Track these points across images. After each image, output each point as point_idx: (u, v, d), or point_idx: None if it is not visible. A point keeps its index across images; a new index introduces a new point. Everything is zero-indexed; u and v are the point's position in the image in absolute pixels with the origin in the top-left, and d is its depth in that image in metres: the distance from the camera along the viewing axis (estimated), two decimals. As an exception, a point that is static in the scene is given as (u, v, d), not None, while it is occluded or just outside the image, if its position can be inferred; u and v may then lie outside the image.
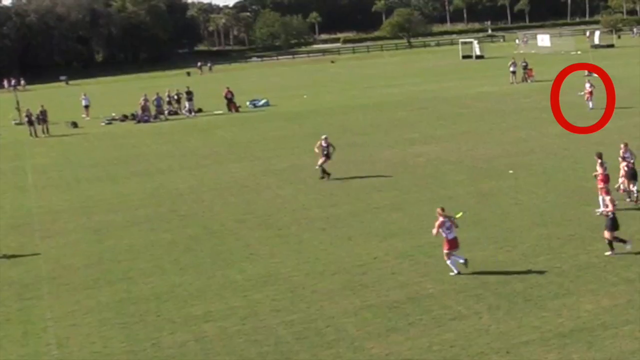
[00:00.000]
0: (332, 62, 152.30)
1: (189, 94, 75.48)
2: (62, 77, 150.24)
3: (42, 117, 68.28)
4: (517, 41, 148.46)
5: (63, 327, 22.63)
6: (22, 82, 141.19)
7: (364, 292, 23.28)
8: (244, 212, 34.13)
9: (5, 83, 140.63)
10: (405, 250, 26.92)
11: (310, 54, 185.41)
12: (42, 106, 69.95)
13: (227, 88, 76.10)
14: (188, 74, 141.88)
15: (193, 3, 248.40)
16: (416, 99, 71.96)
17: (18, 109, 77.76)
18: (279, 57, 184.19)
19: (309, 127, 57.82)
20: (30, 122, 67.65)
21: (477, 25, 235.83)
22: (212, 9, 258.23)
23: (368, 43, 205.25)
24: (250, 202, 35.62)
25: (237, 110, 73.79)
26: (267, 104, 77.43)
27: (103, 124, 71.86)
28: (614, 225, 24.83)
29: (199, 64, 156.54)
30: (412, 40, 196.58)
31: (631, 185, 30.72)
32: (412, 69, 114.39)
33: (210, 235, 30.93)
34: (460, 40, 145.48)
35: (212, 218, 33.63)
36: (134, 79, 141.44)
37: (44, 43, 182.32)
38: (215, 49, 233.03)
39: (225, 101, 74.91)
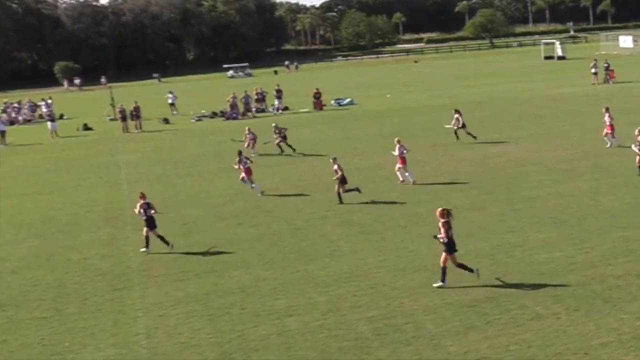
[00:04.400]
0: (416, 62, 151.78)
1: (278, 92, 75.93)
2: (155, 75, 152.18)
3: (135, 114, 69.21)
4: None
5: (152, 318, 22.88)
6: (103, 79, 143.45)
7: (444, 290, 23.11)
8: (327, 208, 34.17)
9: (103, 79, 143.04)
10: (485, 249, 26.68)
11: (394, 54, 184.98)
12: (135, 102, 70.92)
13: (317, 89, 76.33)
14: (275, 72, 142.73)
15: (281, 3, 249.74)
16: (497, 99, 71.34)
17: (112, 105, 78.95)
18: (364, 57, 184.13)
19: (392, 126, 57.70)
20: (124, 118, 68.64)
21: (559, 26, 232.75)
22: (299, 8, 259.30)
23: (451, 43, 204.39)
24: (333, 199, 35.60)
25: (322, 109, 73.96)
26: (351, 103, 77.49)
27: (193, 120, 72.62)
28: None
29: (286, 62, 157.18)
30: (494, 40, 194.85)
31: None
32: (494, 69, 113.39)
33: (295, 231, 31.02)
34: (543, 40, 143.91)
35: (296, 214, 33.73)
36: (223, 77, 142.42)
37: (138, 41, 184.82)
38: (301, 48, 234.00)
39: (312, 100, 75.17)
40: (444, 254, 23.41)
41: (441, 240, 23.34)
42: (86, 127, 72.30)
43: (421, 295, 22.86)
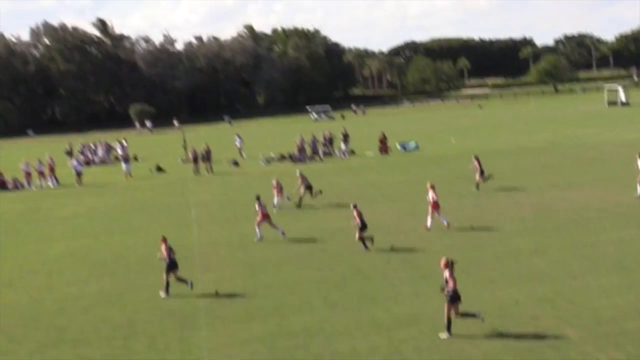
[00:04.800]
0: (480, 106, 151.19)
1: (345, 135, 76.07)
2: (226, 118, 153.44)
3: (206, 156, 69.69)
4: None
5: (217, 357, 22.86)
6: (176, 122, 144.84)
7: (505, 335, 22.81)
8: (390, 252, 33.99)
9: (175, 122, 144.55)
10: (546, 295, 26.30)
11: (459, 99, 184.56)
12: (206, 145, 71.46)
13: (382, 133, 76.38)
14: (342, 116, 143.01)
15: (349, 49, 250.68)
16: (561, 145, 70.70)
17: (184, 148, 79.67)
18: (429, 102, 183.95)
19: (456, 171, 57.38)
20: (195, 160, 69.15)
21: (622, 72, 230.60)
22: (367, 54, 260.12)
23: (515, 88, 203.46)
24: (396, 242, 35.43)
25: (387, 152, 73.91)
26: (416, 147, 77.32)
27: (262, 163, 72.93)
28: None
29: (353, 107, 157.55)
30: (558, 86, 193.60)
31: None
32: (558, 114, 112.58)
33: (358, 274, 30.87)
34: (606, 86, 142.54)
35: (360, 257, 33.57)
36: (292, 120, 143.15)
37: (210, 85, 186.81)
38: (369, 92, 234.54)
39: (378, 143, 75.17)
40: (447, 304, 23.26)
41: (447, 292, 23.36)
42: (159, 169, 73.01)
43: (481, 341, 22.57)
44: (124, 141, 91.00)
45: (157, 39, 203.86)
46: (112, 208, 52.74)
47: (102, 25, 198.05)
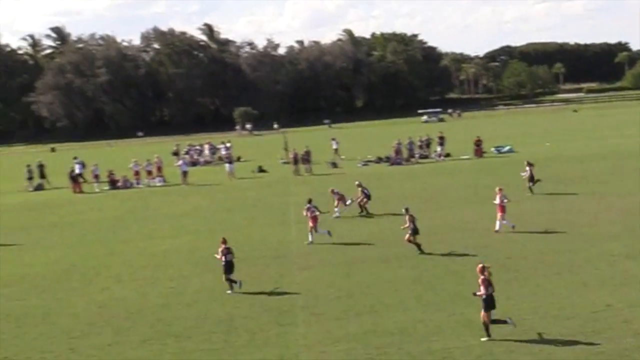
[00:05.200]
0: (575, 111, 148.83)
1: (441, 139, 75.63)
2: (326, 121, 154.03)
3: (306, 157, 70.03)
4: None
5: (314, 354, 22.93)
6: (276, 125, 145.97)
7: (596, 338, 22.38)
8: (482, 253, 33.63)
9: (276, 125, 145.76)
10: (639, 299, 25.75)
11: (554, 103, 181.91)
12: (306, 147, 71.81)
13: (478, 137, 75.74)
14: (425, 121, 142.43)
15: (446, 53, 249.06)
16: (656, 149, 69.19)
17: (286, 149, 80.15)
18: (524, 106, 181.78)
19: (549, 174, 56.53)
20: (296, 162, 69.52)
21: None
22: (463, 58, 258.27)
23: (610, 93, 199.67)
24: (489, 244, 35.11)
25: (482, 156, 73.25)
26: (510, 151, 76.45)
27: (359, 165, 72.95)
28: None
29: (449, 110, 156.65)
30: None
31: None
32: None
33: (451, 274, 30.63)
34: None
35: (452, 258, 33.34)
36: (389, 123, 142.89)
37: (311, 89, 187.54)
38: (465, 96, 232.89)
39: (473, 147, 74.57)
40: (482, 311, 23.14)
41: (481, 296, 23.25)
42: (261, 170, 73.59)
43: (573, 344, 22.20)
44: (228, 143, 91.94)
45: (261, 44, 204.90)
46: (215, 207, 53.36)
47: (209, 30, 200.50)
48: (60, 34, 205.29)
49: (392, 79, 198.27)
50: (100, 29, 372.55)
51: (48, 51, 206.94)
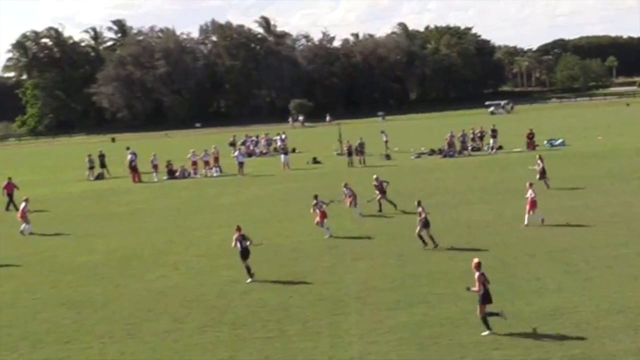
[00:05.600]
0: (628, 104, 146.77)
1: (494, 131, 75.08)
2: (380, 113, 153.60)
3: (360, 149, 69.98)
4: None
5: (365, 343, 22.95)
6: (328, 117, 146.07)
7: (644, 334, 22.18)
8: (535, 246, 33.41)
9: (328, 117, 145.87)
10: (689, 293, 25.43)
11: (607, 97, 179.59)
12: (360, 139, 71.80)
13: (530, 129, 75.07)
14: (492, 113, 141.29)
15: (499, 46, 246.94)
16: None
17: (340, 141, 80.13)
18: (577, 99, 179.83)
19: (601, 168, 55.98)
20: (350, 153, 69.49)
21: None
22: (517, 52, 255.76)
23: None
24: (543, 237, 34.84)
25: (534, 149, 72.57)
26: (562, 144, 75.68)
27: (412, 157, 72.70)
28: None
29: (502, 103, 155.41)
30: None
31: None
32: None
33: (503, 267, 30.44)
34: None
35: (505, 250, 33.10)
36: (442, 116, 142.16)
37: (365, 81, 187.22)
38: (517, 89, 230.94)
39: (526, 139, 73.94)
40: (479, 305, 23.22)
41: (477, 292, 23.41)
42: (315, 161, 73.68)
43: (624, 337, 21.97)
44: (283, 134, 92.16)
45: (317, 37, 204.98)
46: (270, 197, 53.57)
47: (265, 23, 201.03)
48: (121, 27, 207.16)
49: (445, 72, 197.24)
50: (159, 22, 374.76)
51: (109, 43, 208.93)
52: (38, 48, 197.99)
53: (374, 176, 46.04)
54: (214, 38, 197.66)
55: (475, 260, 24.09)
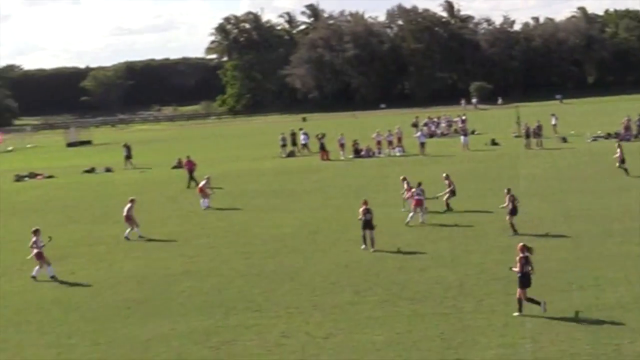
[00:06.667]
0: None
1: (672, 115, 72.05)
2: (557, 96, 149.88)
3: (537, 132, 68.59)
4: None
5: (538, 324, 22.62)
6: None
7: None
8: None
9: (500, 100, 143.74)
10: None
11: None
12: (538, 121, 70.39)
13: None
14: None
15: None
16: None
17: (518, 123, 78.78)
18: None
19: None
20: (527, 135, 68.23)
21: None
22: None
23: None
24: None
25: None
26: None
27: (588, 140, 70.62)
28: None
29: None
30: None
31: None
32: None
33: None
34: None
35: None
36: (619, 100, 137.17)
37: (544, 65, 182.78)
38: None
39: None
40: (518, 288, 23.11)
41: (516, 273, 23.33)
42: (493, 143, 72.68)
43: None
44: (463, 116, 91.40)
45: (498, 20, 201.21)
46: (453, 176, 53.11)
47: (449, 7, 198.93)
48: (313, 11, 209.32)
49: (623, 56, 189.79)
50: (349, 6, 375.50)
51: (302, 27, 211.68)
52: (238, 32, 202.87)
53: (444, 174, 43.07)
54: (400, 22, 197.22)
55: (521, 244, 23.95)
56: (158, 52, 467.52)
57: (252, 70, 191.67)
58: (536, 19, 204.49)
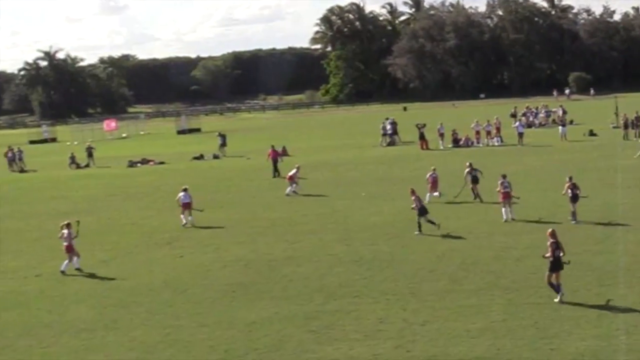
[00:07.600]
0: None
1: None
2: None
3: (636, 122, 66.94)
4: None
5: (633, 316, 22.16)
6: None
7: None
8: None
9: (592, 91, 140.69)
10: None
11: None
12: (637, 112, 68.63)
13: None
14: None
15: None
16: None
17: (616, 114, 77.00)
18: None
19: None
20: (626, 126, 66.67)
21: None
22: None
23: None
24: None
25: None
26: None
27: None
28: None
29: None
30: None
31: None
32: None
33: None
34: None
35: None
36: None
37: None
38: None
39: None
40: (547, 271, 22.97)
41: (548, 258, 23.68)
42: (591, 133, 71.16)
43: None
44: (559, 107, 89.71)
45: (597, 10, 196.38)
46: (545, 167, 52.47)
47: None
48: (415, 1, 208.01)
49: None
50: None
51: (404, 17, 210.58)
52: (342, 22, 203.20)
53: (467, 163, 42.05)
54: (500, 12, 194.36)
55: (550, 229, 24.04)
56: (265, 42, 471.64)
57: (355, 60, 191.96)
58: (636, 9, 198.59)
